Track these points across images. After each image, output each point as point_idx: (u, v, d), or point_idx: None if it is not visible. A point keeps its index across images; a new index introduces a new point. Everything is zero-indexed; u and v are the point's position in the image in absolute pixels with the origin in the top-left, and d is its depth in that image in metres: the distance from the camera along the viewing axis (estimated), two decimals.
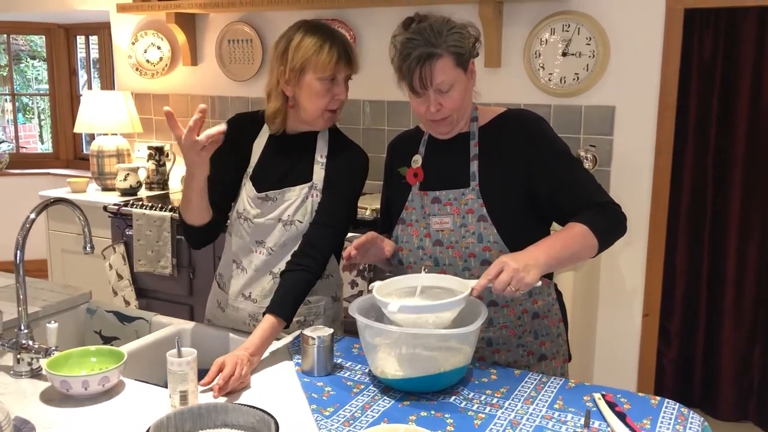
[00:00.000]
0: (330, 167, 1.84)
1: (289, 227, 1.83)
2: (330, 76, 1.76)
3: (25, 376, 1.56)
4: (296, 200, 1.82)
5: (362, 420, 1.37)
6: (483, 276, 1.43)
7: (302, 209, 1.82)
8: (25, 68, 6.17)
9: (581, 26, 3.12)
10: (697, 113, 3.12)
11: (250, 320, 1.90)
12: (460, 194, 1.65)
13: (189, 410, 1.28)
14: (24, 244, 1.57)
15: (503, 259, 1.43)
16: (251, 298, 1.89)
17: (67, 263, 3.98)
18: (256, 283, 1.88)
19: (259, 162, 1.89)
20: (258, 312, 1.88)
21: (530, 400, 1.46)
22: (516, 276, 1.40)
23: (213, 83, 4.10)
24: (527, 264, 1.42)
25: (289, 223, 1.83)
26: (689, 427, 1.36)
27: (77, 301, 2.09)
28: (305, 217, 1.82)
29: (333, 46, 1.76)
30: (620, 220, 1.62)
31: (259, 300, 1.88)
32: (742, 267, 3.16)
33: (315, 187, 1.83)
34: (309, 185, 1.83)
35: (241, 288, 1.90)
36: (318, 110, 1.79)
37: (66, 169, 5.30)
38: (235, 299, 1.92)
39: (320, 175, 1.83)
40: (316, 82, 1.76)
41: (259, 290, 1.88)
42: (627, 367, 3.29)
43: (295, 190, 1.83)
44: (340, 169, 1.84)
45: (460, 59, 1.58)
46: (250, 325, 1.90)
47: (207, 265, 3.42)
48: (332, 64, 1.75)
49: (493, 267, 1.42)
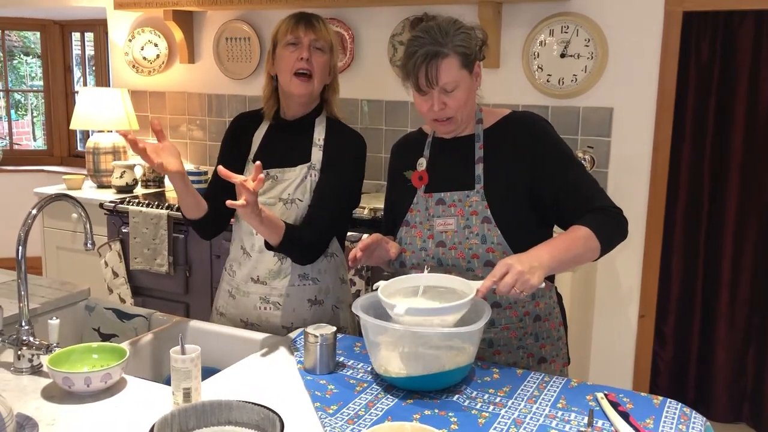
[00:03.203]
0: (328, 150, 1.91)
1: (290, 206, 1.89)
2: (291, 39, 1.85)
3: (25, 373, 1.55)
4: (296, 179, 1.89)
5: (366, 418, 1.37)
6: (488, 277, 1.43)
7: (302, 188, 1.89)
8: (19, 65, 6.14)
9: (580, 28, 3.13)
10: (694, 115, 3.13)
11: (261, 302, 1.94)
12: (465, 196, 1.66)
13: (193, 407, 1.28)
14: (26, 240, 1.56)
15: (508, 260, 1.43)
16: (260, 280, 1.94)
17: (62, 260, 3.96)
18: (261, 265, 1.93)
19: (259, 147, 1.97)
20: (268, 293, 1.93)
21: (533, 399, 1.46)
22: (521, 278, 1.40)
23: (210, 81, 4.09)
24: (532, 266, 1.42)
25: (290, 201, 1.89)
26: (692, 427, 1.37)
27: (76, 297, 2.08)
28: (305, 195, 1.89)
29: (294, 16, 1.88)
30: (622, 225, 1.63)
31: (268, 281, 1.93)
32: (737, 269, 3.18)
33: (314, 167, 1.90)
34: (308, 165, 1.90)
35: (248, 272, 1.95)
36: (287, 74, 1.86)
37: (60, 166, 5.28)
38: (245, 284, 1.96)
39: (318, 156, 1.90)
40: (283, 50, 1.87)
41: (266, 271, 1.93)
42: (623, 368, 3.30)
43: (295, 169, 1.90)
44: (338, 152, 1.90)
45: (466, 60, 1.58)
46: (260, 308, 1.94)
47: (203, 264, 3.41)
48: (291, 27, 1.86)
49: (498, 268, 1.42)
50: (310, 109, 1.94)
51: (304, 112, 1.93)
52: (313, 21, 1.87)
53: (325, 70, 1.88)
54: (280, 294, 1.93)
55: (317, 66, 1.85)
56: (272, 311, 1.94)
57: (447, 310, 1.44)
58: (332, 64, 1.91)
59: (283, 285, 1.93)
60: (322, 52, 1.87)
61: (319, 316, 1.94)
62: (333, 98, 1.96)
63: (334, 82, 1.95)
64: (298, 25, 1.85)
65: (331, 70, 1.91)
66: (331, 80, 1.93)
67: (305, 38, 1.84)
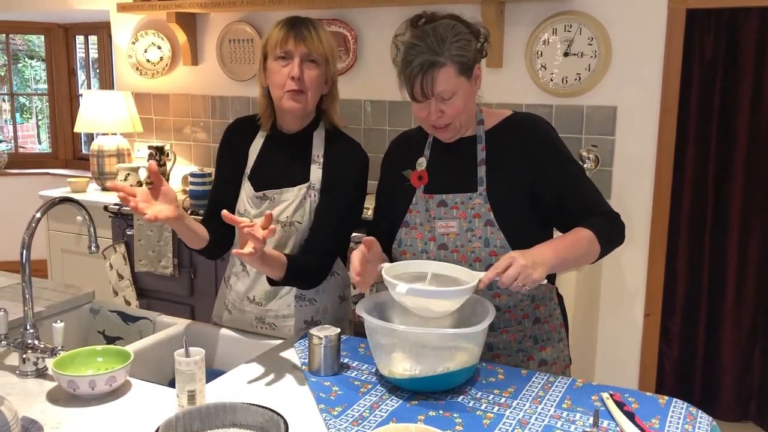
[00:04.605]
0: (328, 168, 1.82)
1: (288, 228, 1.81)
2: (281, 53, 1.74)
3: (30, 376, 1.55)
4: (294, 201, 1.81)
5: (371, 420, 1.37)
6: (491, 269, 1.43)
7: (300, 210, 1.81)
8: (23, 68, 6.15)
9: (583, 26, 3.12)
10: (698, 113, 3.12)
11: (257, 322, 1.90)
12: (467, 198, 1.65)
13: (197, 410, 1.28)
14: (30, 243, 1.56)
15: (512, 254, 1.43)
16: (255, 301, 1.89)
17: (66, 263, 3.97)
18: (258, 285, 1.87)
19: (256, 162, 1.88)
20: (263, 314, 1.88)
21: (538, 399, 1.46)
22: (524, 271, 1.40)
23: (213, 83, 4.09)
24: (535, 261, 1.43)
25: (288, 224, 1.81)
26: (698, 426, 1.36)
27: (80, 300, 2.08)
28: (304, 217, 1.81)
29: (285, 26, 1.75)
30: (621, 231, 1.65)
31: (264, 303, 1.88)
32: (743, 267, 3.17)
33: (313, 187, 1.81)
34: (307, 186, 1.81)
35: (245, 290, 1.90)
36: (277, 90, 1.75)
37: (65, 169, 5.30)
38: (240, 302, 1.92)
39: (318, 175, 1.82)
40: (273, 64, 1.76)
41: (262, 293, 1.87)
42: (628, 367, 3.29)
43: (293, 190, 1.81)
44: (338, 171, 1.82)
45: (463, 68, 1.56)
46: (257, 327, 1.90)
47: (208, 266, 3.41)
48: (281, 41, 1.73)
49: (502, 261, 1.43)
50: (307, 122, 1.84)
51: (301, 125, 1.83)
52: (304, 31, 1.73)
53: (319, 84, 1.77)
54: (275, 315, 1.88)
55: (309, 81, 1.74)
56: (268, 331, 1.89)
57: (448, 294, 1.45)
58: (329, 75, 1.79)
59: (279, 306, 1.87)
60: (315, 65, 1.74)
61: None
62: (332, 106, 1.85)
63: (332, 90, 1.83)
64: (288, 37, 1.72)
65: (328, 80, 1.80)
66: (329, 88, 1.82)
67: (296, 52, 1.72)
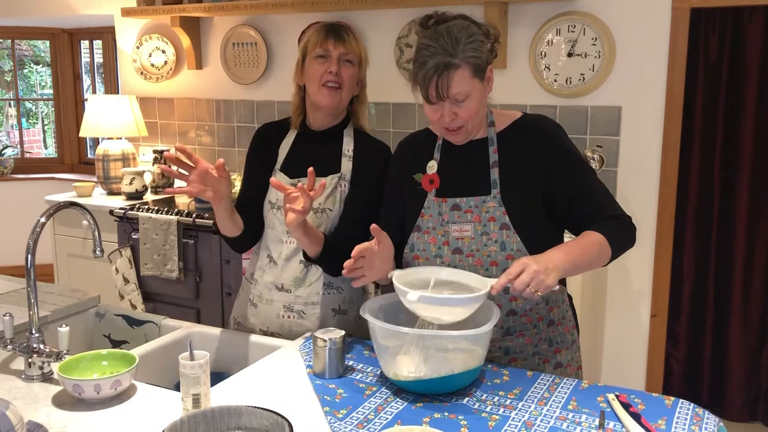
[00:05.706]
0: (357, 162, 1.93)
1: (320, 215, 1.90)
2: (321, 52, 1.87)
3: (36, 380, 1.56)
4: (327, 189, 1.89)
5: (376, 422, 1.37)
6: (504, 275, 1.43)
7: (332, 198, 1.90)
8: (29, 73, 6.18)
9: (587, 26, 3.12)
10: (703, 113, 3.11)
11: (284, 311, 1.93)
12: (481, 201, 1.64)
13: (202, 413, 1.28)
14: (35, 248, 1.57)
15: (524, 260, 1.43)
16: (284, 288, 1.93)
17: (73, 267, 3.98)
18: (286, 273, 1.92)
19: (287, 156, 1.97)
20: (292, 302, 1.93)
21: (543, 401, 1.45)
22: (536, 277, 1.40)
23: (218, 87, 4.10)
24: (548, 267, 1.42)
25: (320, 211, 1.90)
26: (704, 427, 1.36)
27: (86, 305, 2.09)
28: (335, 205, 1.90)
29: (324, 28, 1.90)
30: (632, 234, 1.64)
31: (293, 290, 1.92)
32: (750, 267, 3.15)
33: (344, 177, 1.91)
34: (338, 175, 1.91)
35: (273, 280, 1.94)
36: (315, 84, 1.87)
37: (70, 174, 5.31)
38: (268, 292, 1.95)
39: (348, 167, 1.92)
40: (312, 62, 1.89)
41: (291, 279, 1.92)
42: (635, 368, 3.28)
43: (326, 179, 1.89)
44: (367, 165, 1.92)
45: (478, 69, 1.55)
46: (284, 317, 1.93)
47: (213, 269, 3.41)
48: (320, 40, 1.87)
49: (514, 267, 1.42)
50: (338, 121, 1.95)
51: (332, 123, 1.95)
52: (342, 34, 1.88)
53: (353, 82, 1.90)
54: (304, 302, 1.92)
55: (346, 78, 1.87)
56: (296, 320, 1.92)
57: (459, 302, 1.45)
58: (361, 77, 1.93)
59: (308, 293, 1.92)
60: (351, 65, 1.88)
61: (342, 325, 1.90)
62: (360, 110, 1.97)
63: (362, 94, 1.96)
64: (328, 38, 1.87)
65: (359, 82, 1.93)
66: (359, 91, 1.95)
67: (334, 51, 1.86)
